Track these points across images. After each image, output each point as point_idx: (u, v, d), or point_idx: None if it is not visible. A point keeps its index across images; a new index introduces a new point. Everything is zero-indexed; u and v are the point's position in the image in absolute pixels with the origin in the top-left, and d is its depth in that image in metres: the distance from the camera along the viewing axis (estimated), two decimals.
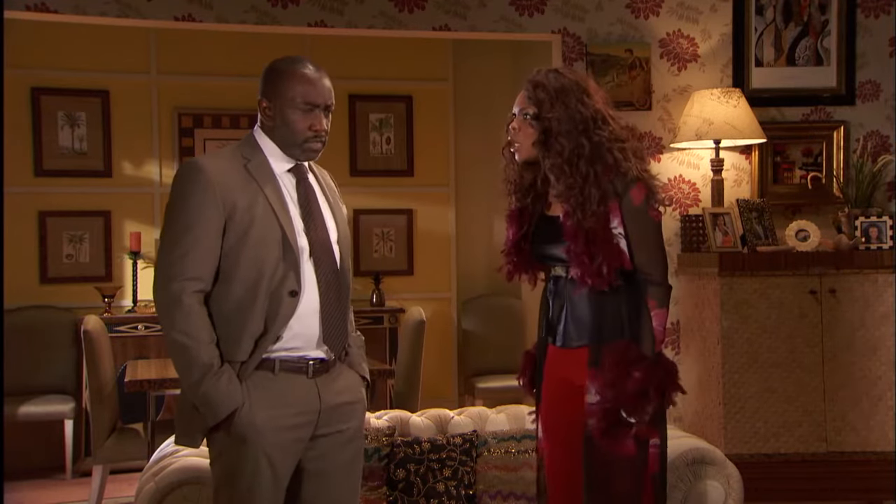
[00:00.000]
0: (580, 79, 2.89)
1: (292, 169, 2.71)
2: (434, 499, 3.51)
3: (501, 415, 3.80)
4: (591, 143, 2.79)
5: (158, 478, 3.18)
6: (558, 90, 2.83)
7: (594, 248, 2.77)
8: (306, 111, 2.65)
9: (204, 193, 2.56)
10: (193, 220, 2.56)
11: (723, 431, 4.75)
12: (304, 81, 2.65)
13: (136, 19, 5.02)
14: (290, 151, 2.69)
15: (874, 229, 4.97)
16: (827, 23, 5.44)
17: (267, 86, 2.70)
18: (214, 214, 2.56)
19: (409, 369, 5.30)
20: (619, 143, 2.81)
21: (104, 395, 4.88)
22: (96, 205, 6.59)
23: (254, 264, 2.57)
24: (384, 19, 5.21)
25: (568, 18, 5.33)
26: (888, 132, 5.44)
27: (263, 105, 2.70)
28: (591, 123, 2.80)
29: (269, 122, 2.69)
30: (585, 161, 2.78)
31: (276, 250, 2.58)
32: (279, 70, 2.69)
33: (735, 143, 5.24)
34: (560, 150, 2.80)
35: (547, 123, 2.82)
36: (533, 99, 2.85)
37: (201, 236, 2.55)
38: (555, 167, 2.82)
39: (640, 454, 2.81)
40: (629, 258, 2.82)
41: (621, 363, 2.77)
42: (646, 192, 2.80)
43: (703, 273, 4.94)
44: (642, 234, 2.82)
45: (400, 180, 7.14)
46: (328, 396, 2.68)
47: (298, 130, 2.65)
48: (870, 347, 4.81)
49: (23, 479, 5.83)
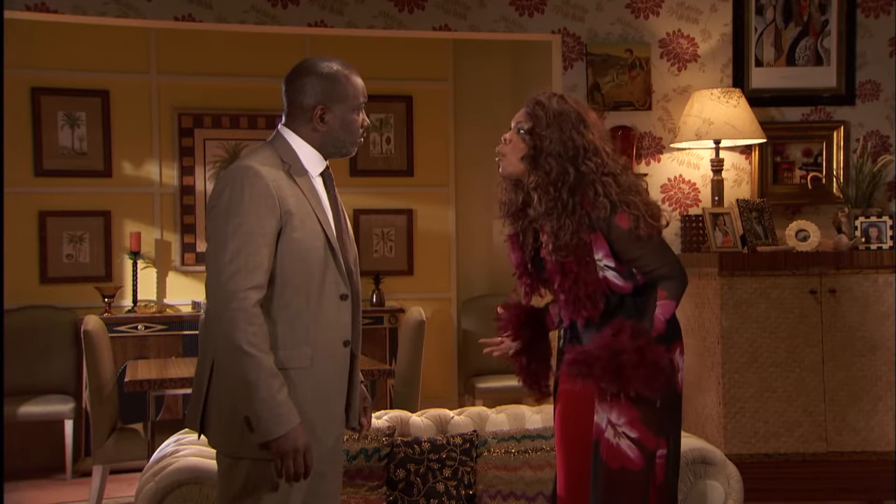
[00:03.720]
0: (582, 110, 2.90)
1: (323, 172, 2.71)
2: (434, 499, 3.51)
3: (501, 415, 3.80)
4: (577, 171, 2.80)
5: (158, 478, 3.18)
6: (557, 113, 2.85)
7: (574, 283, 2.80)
8: (360, 110, 2.69)
9: (264, 199, 2.52)
10: (254, 226, 2.51)
11: (723, 431, 4.75)
12: (355, 81, 2.68)
13: (136, 19, 5.02)
14: (339, 151, 2.69)
15: (874, 229, 4.96)
16: (827, 23, 5.44)
17: (325, 92, 2.64)
18: (273, 221, 2.52)
19: (409, 369, 5.30)
20: (607, 176, 2.81)
21: (104, 395, 4.88)
22: (96, 205, 6.59)
23: (308, 270, 2.57)
24: (384, 19, 5.21)
25: (568, 18, 5.33)
26: (888, 132, 5.44)
27: (319, 112, 2.64)
28: (582, 153, 2.81)
29: (323, 126, 2.65)
30: (567, 189, 2.80)
31: (325, 255, 2.59)
32: (335, 75, 2.65)
33: (735, 143, 5.24)
34: (547, 171, 2.82)
35: (538, 141, 2.84)
36: (531, 115, 2.88)
37: (261, 244, 2.51)
38: (539, 186, 2.84)
39: (647, 466, 2.81)
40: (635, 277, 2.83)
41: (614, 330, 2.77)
42: (630, 218, 2.79)
43: (703, 273, 4.94)
44: (641, 250, 2.82)
45: (400, 180, 7.14)
46: None
47: (355, 130, 2.68)
48: (870, 347, 4.81)
49: (23, 479, 5.83)
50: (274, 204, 2.52)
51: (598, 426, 2.82)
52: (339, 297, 2.62)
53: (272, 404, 2.45)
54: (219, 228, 2.52)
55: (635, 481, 2.80)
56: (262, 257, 2.50)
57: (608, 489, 2.80)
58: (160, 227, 6.67)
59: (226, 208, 2.52)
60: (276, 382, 2.47)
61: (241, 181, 2.53)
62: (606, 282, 2.82)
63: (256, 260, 2.49)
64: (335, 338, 2.63)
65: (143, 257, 6.51)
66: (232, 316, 2.46)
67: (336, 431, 2.69)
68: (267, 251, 2.51)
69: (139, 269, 6.47)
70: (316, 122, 2.66)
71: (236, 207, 2.51)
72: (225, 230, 2.50)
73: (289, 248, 2.55)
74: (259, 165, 2.57)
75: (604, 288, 2.82)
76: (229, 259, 2.48)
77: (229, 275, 2.47)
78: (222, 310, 2.47)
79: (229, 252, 2.49)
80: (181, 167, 6.71)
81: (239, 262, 2.48)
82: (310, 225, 2.58)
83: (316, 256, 2.58)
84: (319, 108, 2.64)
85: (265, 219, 2.51)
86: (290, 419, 2.47)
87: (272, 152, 2.64)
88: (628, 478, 2.80)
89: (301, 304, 2.56)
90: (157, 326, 6.26)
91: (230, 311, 2.46)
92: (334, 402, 2.66)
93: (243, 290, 2.46)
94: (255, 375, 2.45)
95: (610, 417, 2.80)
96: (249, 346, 2.45)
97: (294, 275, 2.56)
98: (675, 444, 2.90)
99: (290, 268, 2.56)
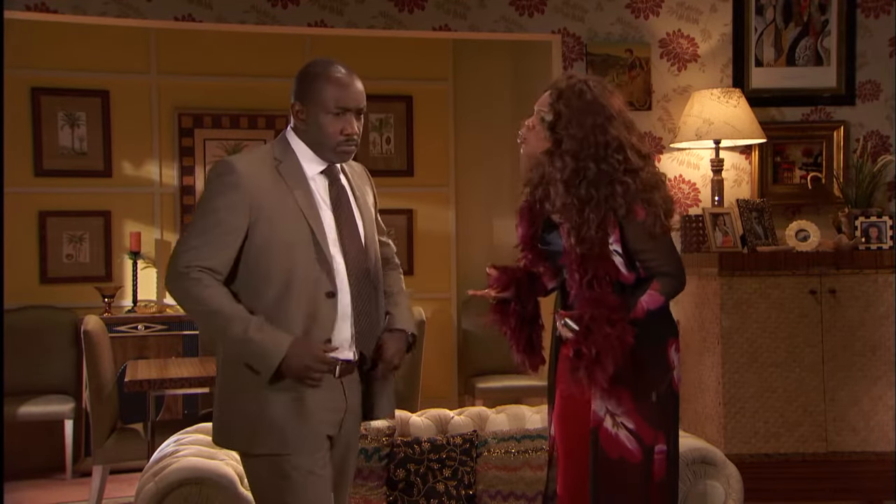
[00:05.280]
0: (607, 100, 2.84)
1: (324, 171, 2.71)
2: (434, 499, 3.51)
3: (501, 415, 3.80)
4: (598, 168, 2.78)
5: (158, 478, 3.18)
6: (580, 110, 2.81)
7: (587, 265, 2.78)
8: (338, 115, 2.65)
9: (233, 193, 2.57)
10: (219, 218, 2.57)
11: (723, 431, 4.75)
12: (336, 85, 2.65)
13: (136, 19, 5.02)
14: (323, 154, 2.70)
15: (874, 229, 4.96)
16: (827, 23, 5.44)
17: (300, 89, 2.68)
18: (239, 214, 2.57)
19: (409, 369, 5.29)
20: (628, 174, 2.79)
21: (104, 395, 4.88)
22: (96, 205, 6.58)
23: (285, 265, 2.58)
24: (384, 19, 5.21)
25: (568, 18, 5.33)
26: (888, 132, 5.44)
27: (296, 108, 2.69)
28: (603, 150, 2.78)
29: (302, 125, 2.69)
30: (587, 184, 2.78)
31: (308, 252, 2.60)
32: (312, 74, 2.68)
33: (735, 143, 5.24)
34: (562, 168, 2.80)
35: (559, 137, 2.82)
36: (554, 107, 2.84)
37: (220, 233, 2.56)
38: (555, 181, 2.82)
39: (645, 461, 2.81)
40: (637, 269, 2.83)
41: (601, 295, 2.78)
42: (647, 213, 2.79)
43: (703, 273, 4.94)
44: (650, 243, 2.81)
45: (400, 180, 7.13)
46: (353, 397, 2.71)
47: (330, 134, 2.66)
48: (870, 347, 4.81)
49: (23, 479, 5.83)
50: (242, 198, 2.56)
51: (597, 414, 2.81)
52: (324, 294, 2.61)
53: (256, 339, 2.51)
54: (192, 217, 2.65)
55: (635, 475, 2.80)
56: (221, 246, 2.56)
57: (609, 481, 2.80)
58: (160, 227, 6.67)
59: (199, 201, 2.64)
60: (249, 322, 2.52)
61: (215, 175, 2.62)
62: (612, 267, 2.81)
63: (212, 248, 2.55)
64: (315, 335, 2.60)
65: (143, 257, 6.50)
66: (184, 286, 2.55)
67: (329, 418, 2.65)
68: (229, 240, 2.57)
69: (139, 269, 6.47)
70: (297, 119, 2.70)
71: (206, 202, 2.60)
72: (194, 221, 2.61)
73: (260, 241, 2.59)
74: (238, 161, 2.63)
75: (613, 272, 2.81)
76: (188, 247, 2.58)
77: (180, 253, 2.57)
78: (173, 282, 2.56)
79: (190, 238, 2.59)
80: (181, 167, 6.71)
81: (190, 243, 2.57)
82: (290, 221, 2.59)
83: (295, 252, 2.59)
84: (296, 105, 2.69)
85: (231, 211, 2.57)
86: (280, 341, 2.52)
87: (268, 149, 2.71)
88: (628, 470, 2.80)
89: (273, 296, 2.58)
90: (157, 326, 6.26)
91: (180, 284, 2.55)
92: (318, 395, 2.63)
93: (195, 267, 2.54)
94: (224, 322, 2.52)
95: (608, 406, 2.80)
96: (205, 304, 2.53)
97: (265, 267, 2.59)
98: (674, 443, 2.90)
99: (262, 259, 2.59)
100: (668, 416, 2.88)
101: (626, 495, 2.82)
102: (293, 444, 2.58)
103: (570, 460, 2.91)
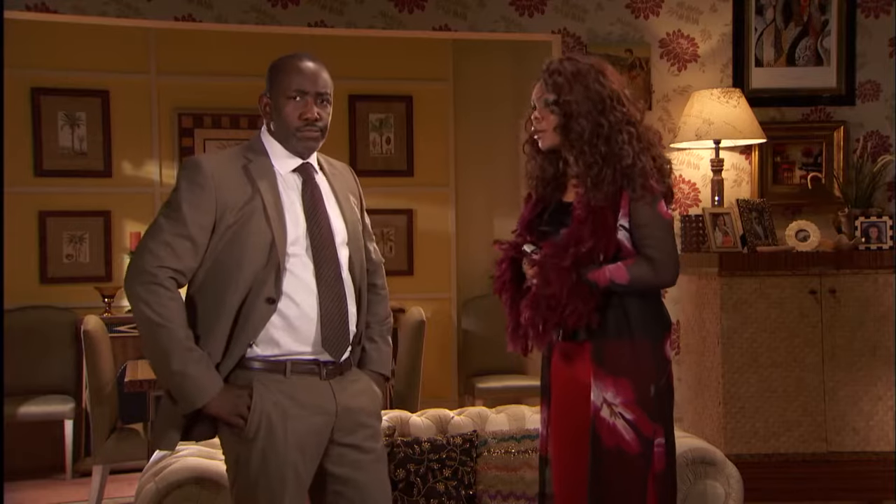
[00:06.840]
0: (595, 62, 2.93)
1: (298, 169, 2.69)
2: (434, 499, 3.51)
3: (501, 415, 3.80)
4: (608, 122, 2.82)
5: (158, 478, 3.18)
6: (575, 73, 2.86)
7: (592, 232, 2.79)
8: (296, 99, 2.64)
9: (200, 191, 2.56)
10: (183, 215, 2.55)
11: (723, 431, 4.75)
12: (294, 71, 2.65)
13: (136, 19, 5.02)
14: (289, 145, 2.68)
15: (874, 229, 4.97)
16: (827, 23, 5.44)
17: (267, 83, 2.71)
18: (203, 212, 2.55)
19: (409, 369, 5.29)
20: (630, 126, 2.84)
21: (104, 395, 4.88)
22: (96, 205, 6.58)
23: (236, 266, 2.55)
24: (384, 19, 5.22)
25: (568, 18, 5.33)
26: (888, 132, 5.44)
27: (264, 102, 2.71)
28: (608, 102, 2.83)
29: (268, 118, 2.70)
30: (604, 141, 2.82)
31: (262, 255, 2.56)
32: (276, 66, 2.70)
33: (735, 143, 5.24)
34: (580, 132, 2.83)
35: (567, 107, 2.85)
36: (551, 85, 2.88)
37: (185, 233, 2.54)
38: (575, 148, 2.84)
39: (644, 452, 2.81)
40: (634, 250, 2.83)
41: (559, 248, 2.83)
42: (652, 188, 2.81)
43: (703, 273, 4.94)
44: (650, 218, 2.82)
45: (400, 180, 7.13)
46: (344, 398, 2.66)
47: (290, 119, 2.65)
48: (870, 347, 4.81)
49: (23, 479, 5.83)
50: (208, 195, 2.55)
51: (594, 404, 2.81)
52: (264, 299, 2.56)
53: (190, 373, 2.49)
54: (157, 214, 2.63)
55: (633, 467, 2.80)
56: (187, 246, 2.54)
57: (607, 470, 2.79)
58: None
59: (167, 200, 2.62)
60: (190, 355, 2.50)
61: (183, 173, 2.61)
62: (619, 244, 2.82)
63: (177, 247, 2.53)
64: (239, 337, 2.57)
65: None
66: (143, 285, 2.51)
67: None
68: (192, 239, 2.54)
69: None
70: (264, 113, 2.71)
71: (173, 196, 2.59)
72: (158, 220, 2.58)
73: (225, 243, 2.57)
74: (206, 159, 2.63)
75: (615, 245, 2.81)
76: (149, 237, 2.56)
77: (145, 251, 2.54)
78: (133, 280, 2.53)
79: (152, 231, 2.57)
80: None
81: (157, 240, 2.54)
82: (253, 221, 2.57)
83: (255, 253, 2.56)
84: (263, 98, 2.71)
85: (195, 210, 2.55)
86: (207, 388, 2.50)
87: (241, 148, 2.71)
88: (626, 460, 2.79)
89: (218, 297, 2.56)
90: None
91: (140, 281, 2.51)
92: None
93: (155, 266, 2.51)
94: (167, 345, 2.49)
95: (605, 396, 2.80)
96: (158, 316, 2.50)
97: (222, 268, 2.56)
98: (669, 438, 2.90)
99: (221, 260, 2.57)
100: (665, 410, 2.88)
101: (623, 486, 2.81)
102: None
103: (566, 454, 2.90)
